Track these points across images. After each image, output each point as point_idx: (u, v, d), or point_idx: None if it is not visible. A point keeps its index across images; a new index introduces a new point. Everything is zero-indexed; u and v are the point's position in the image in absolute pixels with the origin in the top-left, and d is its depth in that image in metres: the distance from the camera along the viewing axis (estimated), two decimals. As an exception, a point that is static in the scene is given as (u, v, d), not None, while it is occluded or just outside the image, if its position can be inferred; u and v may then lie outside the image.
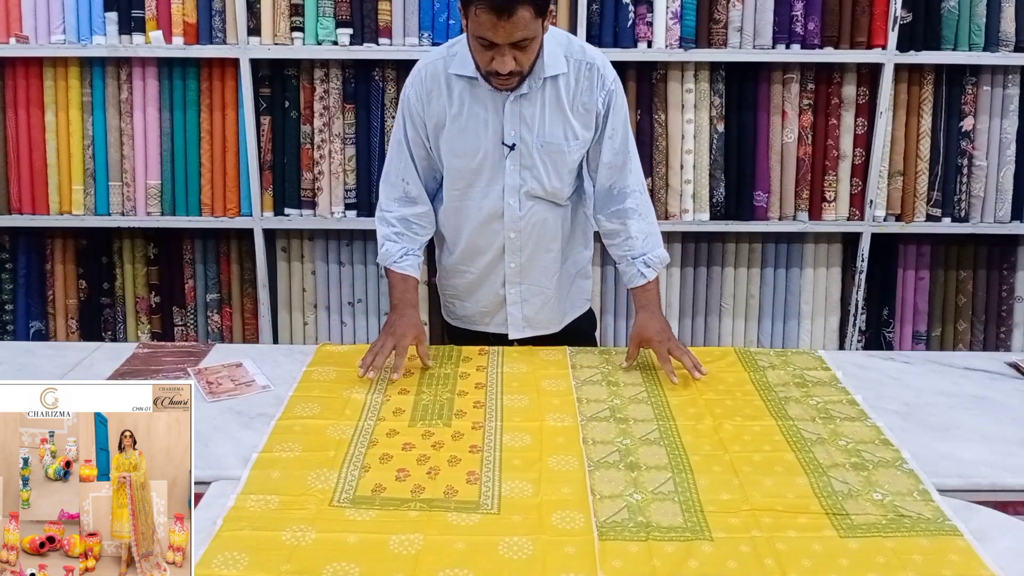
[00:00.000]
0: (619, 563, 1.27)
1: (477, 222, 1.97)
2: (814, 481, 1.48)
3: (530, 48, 1.71)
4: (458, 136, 1.89)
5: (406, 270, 1.96)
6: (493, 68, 1.72)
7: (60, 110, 2.84)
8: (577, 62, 1.86)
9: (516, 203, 1.93)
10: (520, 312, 2.06)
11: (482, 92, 1.85)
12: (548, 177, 1.92)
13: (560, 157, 1.90)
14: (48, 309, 3.01)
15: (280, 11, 2.72)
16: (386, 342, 1.85)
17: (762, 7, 2.73)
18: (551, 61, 1.82)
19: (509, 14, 1.63)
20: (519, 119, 1.86)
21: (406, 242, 1.97)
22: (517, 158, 1.89)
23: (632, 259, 1.97)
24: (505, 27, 1.64)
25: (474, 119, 1.87)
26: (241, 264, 2.99)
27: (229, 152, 2.86)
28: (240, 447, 1.58)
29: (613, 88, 1.89)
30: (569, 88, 1.86)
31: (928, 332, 3.03)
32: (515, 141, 1.87)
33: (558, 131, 1.88)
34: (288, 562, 1.27)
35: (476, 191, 1.94)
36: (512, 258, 2.00)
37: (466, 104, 1.86)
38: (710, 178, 2.86)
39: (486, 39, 1.67)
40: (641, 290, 1.97)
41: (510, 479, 1.48)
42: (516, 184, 1.92)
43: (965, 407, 1.78)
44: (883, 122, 2.79)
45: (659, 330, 1.91)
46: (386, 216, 1.98)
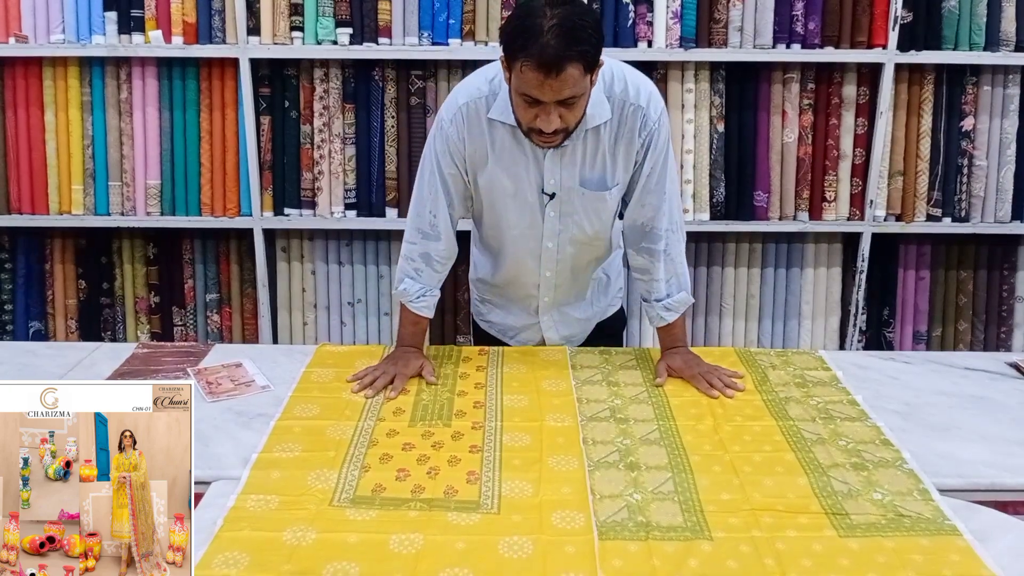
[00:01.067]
0: (619, 563, 1.28)
1: (514, 259, 1.93)
2: (814, 481, 1.48)
3: (577, 106, 1.60)
4: (497, 179, 1.80)
5: (421, 311, 1.90)
6: (537, 126, 1.61)
7: (60, 110, 2.84)
8: (621, 103, 1.74)
9: (555, 247, 1.89)
10: (556, 334, 2.05)
11: (522, 139, 1.74)
12: (590, 223, 1.86)
13: (602, 204, 1.83)
14: (48, 309, 3.01)
15: (280, 11, 2.72)
16: (387, 371, 1.82)
17: (762, 7, 2.73)
18: (594, 111, 1.71)
19: (558, 72, 1.51)
20: (560, 167, 1.77)
21: (425, 280, 1.90)
22: (558, 206, 1.82)
23: (655, 302, 1.92)
24: (553, 85, 1.53)
25: (514, 166, 1.78)
26: (241, 264, 2.99)
27: (229, 152, 2.86)
28: (240, 447, 1.58)
29: (655, 128, 1.77)
30: (611, 132, 1.76)
31: (928, 332, 3.02)
32: (555, 190, 1.79)
33: (598, 179, 1.80)
34: (288, 562, 1.27)
35: (515, 233, 1.88)
36: (547, 292, 1.98)
37: (507, 150, 1.77)
38: (710, 178, 2.86)
39: (531, 96, 1.57)
40: (665, 331, 1.93)
41: (510, 479, 1.48)
42: (556, 230, 1.86)
43: (965, 407, 1.78)
44: (883, 122, 2.79)
45: (687, 363, 1.87)
46: (410, 250, 1.89)
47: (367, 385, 1.79)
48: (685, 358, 1.89)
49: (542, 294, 1.98)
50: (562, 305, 2.02)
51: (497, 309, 2.10)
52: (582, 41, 1.52)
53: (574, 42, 1.51)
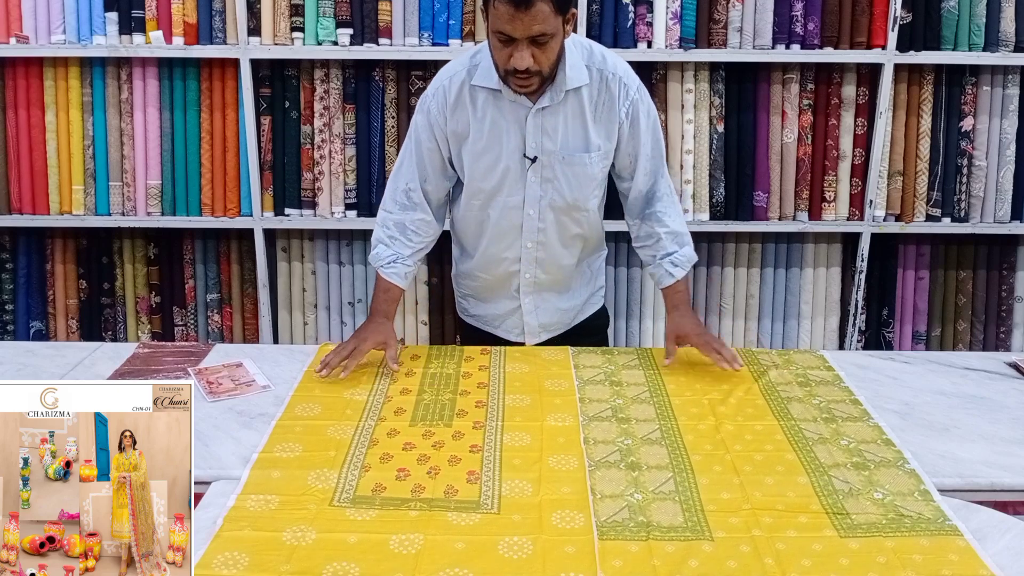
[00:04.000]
0: (619, 563, 1.28)
1: (496, 232, 1.96)
2: (815, 480, 1.48)
3: (549, 47, 1.68)
4: (480, 148, 1.87)
5: (391, 278, 1.94)
6: (511, 65, 1.69)
7: (60, 110, 2.84)
8: (599, 72, 1.83)
9: (536, 214, 1.92)
10: (536, 320, 2.06)
11: (505, 105, 1.82)
12: (570, 189, 1.90)
13: (582, 169, 1.88)
14: (48, 309, 3.01)
15: (280, 11, 2.72)
16: (348, 344, 1.88)
17: (762, 7, 2.73)
18: (573, 73, 1.79)
19: (527, 5, 1.61)
20: (541, 131, 1.84)
21: (397, 247, 1.95)
22: (539, 170, 1.87)
23: (660, 259, 1.99)
24: (523, 19, 1.62)
25: (496, 131, 1.85)
26: (241, 264, 2.99)
27: (229, 152, 2.86)
28: (240, 447, 1.58)
29: (636, 97, 1.86)
30: (592, 99, 1.84)
31: (928, 332, 3.03)
32: (537, 153, 1.85)
33: (580, 143, 1.86)
34: (288, 562, 1.27)
35: (497, 202, 1.92)
36: (528, 268, 2.00)
37: (489, 116, 1.84)
38: (710, 178, 2.86)
39: (504, 33, 1.65)
40: (671, 290, 1.99)
41: (510, 479, 1.48)
42: (537, 196, 1.90)
43: (964, 407, 1.78)
44: (883, 122, 2.79)
45: (694, 325, 1.95)
46: (384, 218, 1.97)
47: (326, 364, 1.84)
48: (695, 321, 1.97)
49: (524, 270, 2.00)
50: (544, 290, 2.04)
51: (480, 301, 2.11)
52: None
53: None
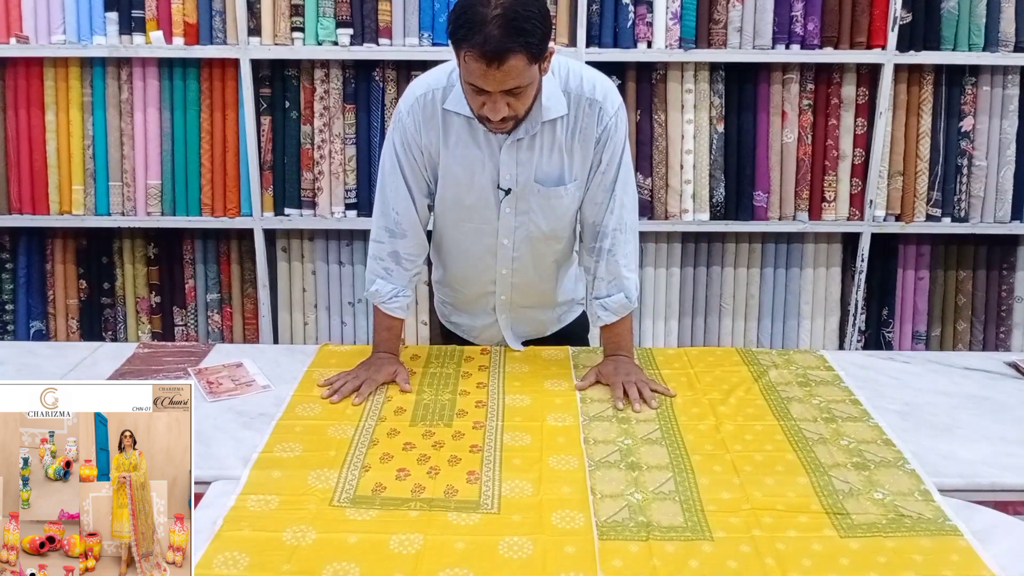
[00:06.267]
0: (619, 563, 1.27)
1: (469, 256, 1.90)
2: (815, 480, 1.48)
3: (524, 95, 1.58)
4: (452, 173, 1.77)
5: (395, 312, 1.87)
6: (484, 114, 1.59)
7: (60, 110, 2.84)
8: (577, 97, 1.72)
9: (511, 244, 1.85)
10: (512, 332, 2.02)
11: (479, 134, 1.73)
12: (546, 220, 1.82)
13: (558, 201, 1.79)
14: (48, 309, 3.01)
15: (280, 11, 2.72)
16: (359, 375, 1.80)
17: (762, 7, 2.73)
18: (550, 103, 1.69)
19: (500, 63, 1.49)
20: (516, 163, 1.74)
21: (396, 279, 1.86)
22: (513, 202, 1.78)
23: (593, 299, 1.88)
24: (496, 76, 1.51)
25: (469, 160, 1.75)
26: (241, 264, 2.99)
27: (229, 152, 2.86)
28: (240, 447, 1.58)
29: (611, 123, 1.73)
30: (568, 127, 1.73)
31: (928, 332, 3.03)
32: (511, 185, 1.76)
33: (555, 174, 1.76)
34: (288, 562, 1.27)
35: (470, 228, 1.84)
36: (503, 290, 1.94)
37: (461, 143, 1.74)
38: (710, 178, 2.86)
39: (477, 86, 1.55)
40: (608, 331, 1.88)
41: (510, 479, 1.48)
42: (512, 227, 1.82)
43: (965, 407, 1.77)
44: (883, 122, 2.79)
45: (619, 372, 1.81)
46: (377, 250, 1.87)
47: (335, 391, 1.76)
48: (617, 365, 1.83)
49: (499, 292, 1.94)
50: (520, 307, 1.98)
51: (458, 311, 2.07)
52: (526, 32, 1.49)
53: (517, 33, 1.48)
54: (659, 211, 2.86)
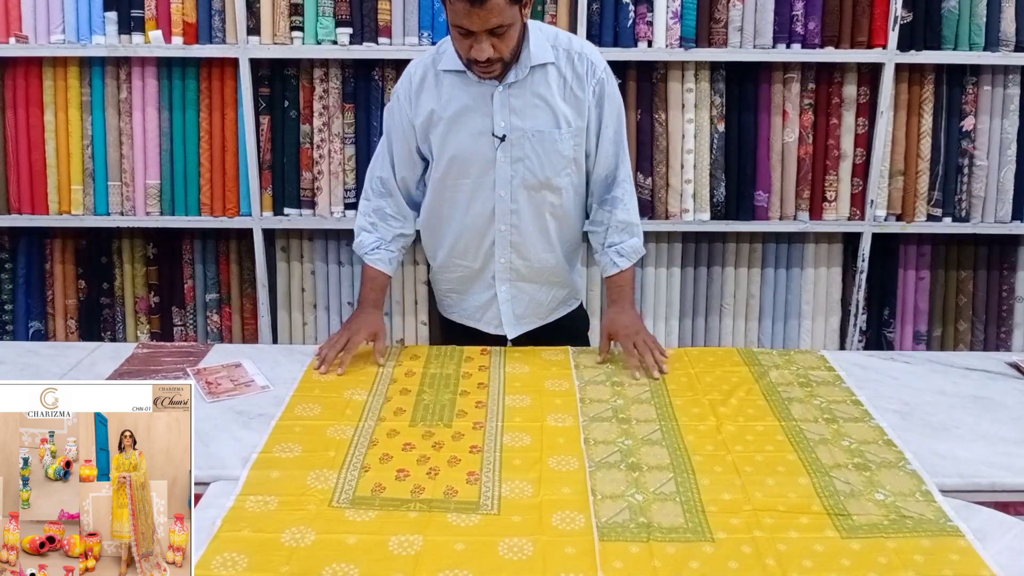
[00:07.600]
0: (620, 564, 1.27)
1: (468, 216, 1.97)
2: (816, 481, 1.47)
3: (507, 35, 1.71)
4: (449, 131, 1.89)
5: (377, 264, 2.00)
6: (472, 56, 1.72)
7: (59, 110, 2.83)
8: (565, 51, 1.86)
9: (508, 195, 1.93)
10: (511, 310, 2.06)
11: (472, 85, 1.85)
12: (541, 167, 1.90)
13: (552, 145, 1.89)
14: (48, 309, 3.01)
15: (280, 11, 2.72)
16: (340, 337, 1.91)
17: (762, 7, 2.73)
18: (538, 51, 1.83)
19: (482, 1, 1.63)
20: (508, 110, 1.86)
21: (380, 232, 2.01)
22: (508, 149, 1.88)
23: (607, 247, 1.99)
24: (479, 14, 1.65)
25: (464, 112, 1.87)
26: (240, 264, 2.99)
27: (228, 152, 2.86)
28: (240, 447, 1.57)
29: (603, 77, 1.89)
30: (559, 77, 1.86)
31: (928, 332, 3.02)
32: (505, 132, 1.87)
33: (548, 119, 1.87)
34: (287, 563, 1.26)
35: (467, 184, 1.93)
36: (502, 253, 1.99)
37: (455, 98, 1.87)
38: (710, 178, 2.86)
39: (462, 27, 1.68)
40: (613, 283, 2.00)
41: (510, 479, 1.48)
42: (507, 176, 1.91)
43: (965, 407, 1.77)
44: (884, 122, 2.79)
45: (626, 324, 1.94)
46: (364, 206, 2.03)
47: (322, 361, 1.87)
48: (631, 318, 1.97)
49: (498, 255, 2.00)
50: (520, 279, 2.03)
51: (458, 295, 2.11)
52: None
53: None
54: (660, 211, 2.86)
